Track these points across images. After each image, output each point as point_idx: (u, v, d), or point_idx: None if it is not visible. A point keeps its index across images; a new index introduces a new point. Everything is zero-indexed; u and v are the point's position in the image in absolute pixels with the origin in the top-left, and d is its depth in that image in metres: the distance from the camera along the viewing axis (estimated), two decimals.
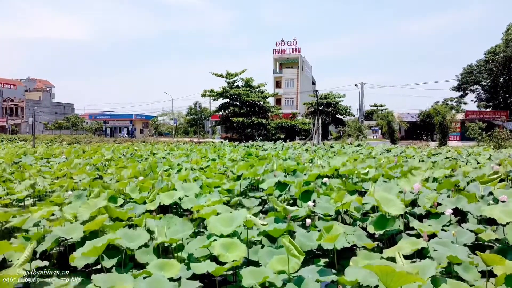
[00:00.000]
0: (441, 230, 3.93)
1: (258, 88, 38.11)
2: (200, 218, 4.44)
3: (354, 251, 3.88)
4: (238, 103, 36.12)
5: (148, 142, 42.26)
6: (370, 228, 3.97)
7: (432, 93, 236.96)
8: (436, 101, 53.97)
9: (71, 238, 3.75)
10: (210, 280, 3.34)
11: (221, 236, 3.45)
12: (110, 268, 3.31)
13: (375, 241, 4.06)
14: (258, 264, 3.39)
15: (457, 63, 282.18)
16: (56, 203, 5.78)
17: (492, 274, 2.89)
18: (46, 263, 3.39)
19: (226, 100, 37.26)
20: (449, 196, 5.28)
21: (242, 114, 35.09)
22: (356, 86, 41.56)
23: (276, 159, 16.51)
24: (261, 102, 36.31)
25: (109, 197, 5.62)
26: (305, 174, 8.11)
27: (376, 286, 2.71)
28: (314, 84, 75.39)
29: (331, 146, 25.92)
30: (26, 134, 57.98)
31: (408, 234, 3.96)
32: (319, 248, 3.68)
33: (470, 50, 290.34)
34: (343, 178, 7.02)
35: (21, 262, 2.98)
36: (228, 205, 5.43)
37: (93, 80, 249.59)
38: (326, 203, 4.97)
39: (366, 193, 5.97)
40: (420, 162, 17.34)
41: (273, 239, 3.86)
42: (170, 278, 2.90)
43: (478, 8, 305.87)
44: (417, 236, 3.78)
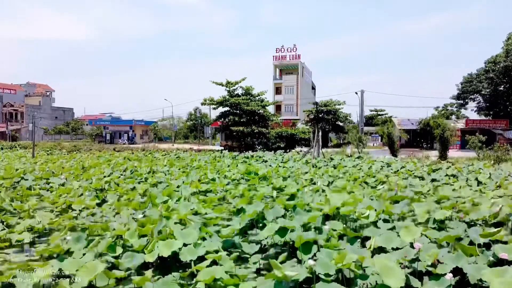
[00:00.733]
0: None
1: (258, 96, 38.10)
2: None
3: None
4: (238, 112, 36.12)
5: (147, 149, 42.27)
6: None
7: (432, 94, 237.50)
8: (436, 106, 53.98)
9: None
10: None
11: None
12: None
13: None
14: None
15: (456, 63, 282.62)
16: (54, 252, 5.77)
17: None
18: None
19: (226, 108, 37.27)
20: (449, 251, 5.24)
21: (242, 123, 35.09)
22: (356, 94, 41.64)
23: (276, 176, 16.48)
24: (261, 111, 36.31)
25: (107, 246, 5.60)
26: (306, 209, 8.09)
27: None
28: (314, 89, 75.47)
29: (331, 158, 25.89)
30: (26, 141, 57.99)
31: None
32: None
33: (469, 50, 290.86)
34: (344, 220, 6.98)
35: None
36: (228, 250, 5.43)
37: (92, 80, 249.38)
38: (327, 258, 4.94)
39: (368, 238, 5.94)
40: (420, 180, 17.29)
41: None
42: None
43: (478, 8, 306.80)
44: None
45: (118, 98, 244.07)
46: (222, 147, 39.02)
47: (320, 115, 44.44)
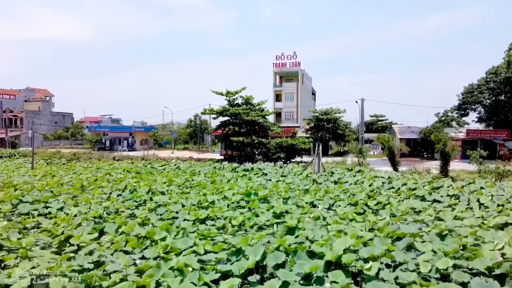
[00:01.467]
0: None
1: (258, 106, 37.99)
2: None
3: None
4: (238, 121, 35.99)
5: (147, 158, 42.14)
6: None
7: (433, 94, 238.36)
8: (437, 112, 53.80)
9: None
10: None
11: None
12: None
13: None
14: None
15: (456, 63, 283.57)
16: None
17: None
18: None
19: (226, 118, 37.15)
20: None
21: (242, 133, 34.96)
22: (356, 102, 41.49)
23: (276, 197, 16.34)
24: (261, 121, 36.17)
25: None
26: (308, 250, 7.99)
27: None
28: (314, 94, 75.40)
29: (332, 172, 25.75)
30: (25, 147, 57.87)
31: None
32: None
33: (469, 50, 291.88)
34: (346, 269, 6.84)
35: None
36: None
37: (93, 80, 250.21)
38: None
39: None
40: (421, 200, 17.16)
41: None
42: None
43: (478, 8, 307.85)
44: None
45: (118, 99, 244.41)
46: (222, 156, 38.89)
47: (320, 124, 44.33)
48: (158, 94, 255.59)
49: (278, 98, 56.92)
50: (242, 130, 35.18)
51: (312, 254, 7.89)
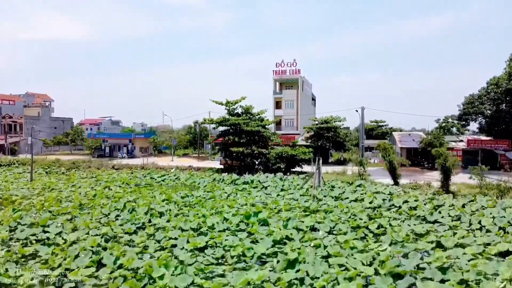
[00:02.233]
0: None
1: (258, 115, 37.83)
2: None
3: None
4: (238, 131, 35.82)
5: (146, 167, 41.96)
6: None
7: (433, 94, 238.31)
8: (437, 118, 53.67)
9: None
10: None
11: None
12: None
13: None
14: None
15: (456, 63, 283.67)
16: None
17: None
18: None
19: (226, 127, 36.99)
20: None
21: (242, 144, 34.78)
22: (356, 111, 41.37)
23: (276, 219, 16.18)
24: (261, 131, 35.98)
25: None
26: None
27: None
28: (314, 100, 75.27)
29: (332, 187, 25.59)
30: (25, 154, 57.65)
31: None
32: None
33: (469, 50, 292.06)
34: None
35: None
36: None
37: (92, 81, 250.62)
38: None
39: None
40: (422, 221, 17.01)
41: None
42: None
43: (478, 8, 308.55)
44: None
45: (118, 100, 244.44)
46: (222, 166, 38.69)
47: (320, 132, 44.17)
48: (158, 95, 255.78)
49: (278, 105, 56.86)
50: (242, 141, 35.00)
51: None
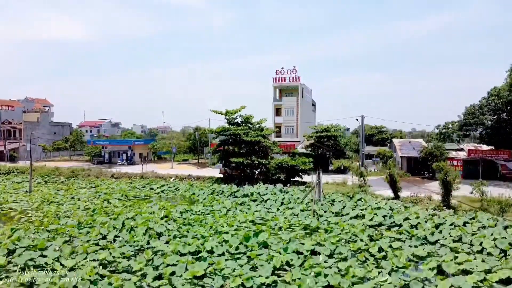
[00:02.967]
0: None
1: (257, 124, 37.69)
2: None
3: None
4: (238, 141, 35.67)
5: (146, 176, 41.81)
6: None
7: (432, 94, 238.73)
8: (437, 124, 53.55)
9: None
10: None
11: None
12: None
13: None
14: None
15: (455, 63, 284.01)
16: None
17: None
18: None
19: (226, 137, 36.83)
20: None
21: (242, 154, 34.63)
22: (356, 120, 41.26)
23: (276, 241, 16.02)
24: (261, 141, 35.81)
25: None
26: None
27: None
28: (314, 105, 75.20)
29: (332, 201, 25.45)
30: (24, 161, 57.48)
31: None
32: None
33: (468, 50, 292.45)
34: None
35: None
36: None
37: (92, 81, 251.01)
38: None
39: None
40: (423, 241, 16.86)
41: None
42: None
43: (478, 8, 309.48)
44: None
45: (118, 101, 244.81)
46: (221, 175, 38.53)
47: (320, 141, 44.07)
48: (157, 95, 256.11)
49: (278, 112, 56.74)
50: (242, 151, 34.85)
51: None
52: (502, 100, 32.14)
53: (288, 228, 18.47)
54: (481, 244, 15.57)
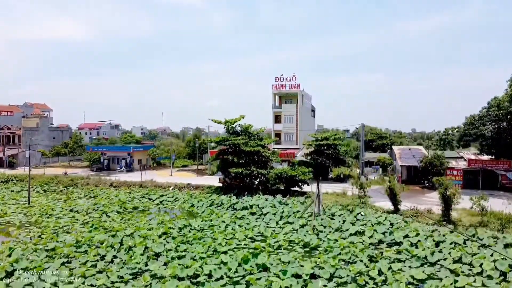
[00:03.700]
0: None
1: (257, 134, 37.63)
2: None
3: None
4: (237, 151, 35.56)
5: (145, 185, 41.66)
6: None
7: (433, 94, 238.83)
8: (437, 130, 53.45)
9: None
10: None
11: None
12: None
13: None
14: None
15: (455, 63, 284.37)
16: None
17: None
18: None
19: (225, 146, 36.76)
20: None
21: (241, 164, 34.51)
22: (356, 128, 41.24)
23: (274, 263, 15.90)
24: (260, 151, 35.71)
25: None
26: None
27: None
28: (313, 111, 75.08)
29: (332, 215, 25.35)
30: (23, 168, 57.25)
31: None
32: None
33: (468, 50, 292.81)
34: None
35: None
36: None
37: (92, 81, 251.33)
38: None
39: None
40: (423, 262, 16.73)
41: None
42: None
43: (478, 8, 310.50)
44: None
45: (118, 101, 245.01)
46: (221, 184, 38.43)
47: (320, 149, 43.94)
48: (157, 96, 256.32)
49: (277, 119, 56.60)
50: (241, 161, 34.73)
51: None
52: (502, 111, 32.08)
53: (287, 246, 18.36)
54: (481, 265, 15.47)
